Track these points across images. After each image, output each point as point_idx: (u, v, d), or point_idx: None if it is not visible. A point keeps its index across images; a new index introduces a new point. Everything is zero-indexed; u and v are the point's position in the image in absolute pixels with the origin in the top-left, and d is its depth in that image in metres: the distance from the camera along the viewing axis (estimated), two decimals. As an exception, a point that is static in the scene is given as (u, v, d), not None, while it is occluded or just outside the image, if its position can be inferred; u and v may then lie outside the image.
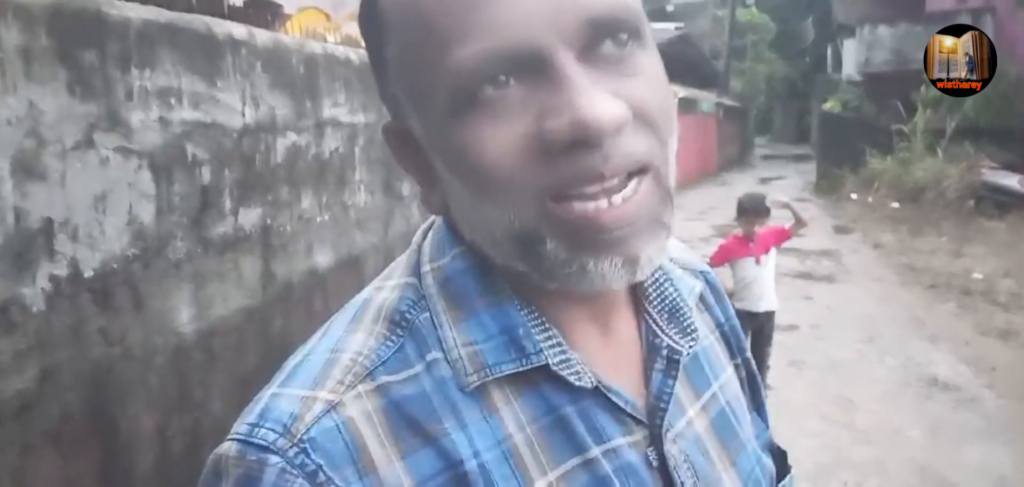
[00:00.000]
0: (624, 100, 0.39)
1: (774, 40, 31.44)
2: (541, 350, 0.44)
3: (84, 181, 1.64)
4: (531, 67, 0.38)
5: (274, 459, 0.39)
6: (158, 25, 1.86)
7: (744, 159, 24.67)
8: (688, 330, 0.50)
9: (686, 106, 18.02)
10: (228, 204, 2.13)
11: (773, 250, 4.02)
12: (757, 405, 0.61)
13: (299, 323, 2.40)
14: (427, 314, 0.45)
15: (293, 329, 2.37)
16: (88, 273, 1.65)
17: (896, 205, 11.70)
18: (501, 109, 0.39)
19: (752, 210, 4.01)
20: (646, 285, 0.51)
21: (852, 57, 17.63)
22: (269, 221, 2.32)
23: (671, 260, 0.57)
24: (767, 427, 0.61)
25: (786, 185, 16.38)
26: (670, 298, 0.51)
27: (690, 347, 0.50)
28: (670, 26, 17.46)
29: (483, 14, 0.38)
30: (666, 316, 0.51)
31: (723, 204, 12.59)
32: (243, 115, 2.16)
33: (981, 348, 5.17)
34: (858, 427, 3.91)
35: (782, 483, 0.56)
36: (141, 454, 1.77)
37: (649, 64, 0.41)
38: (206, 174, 2.03)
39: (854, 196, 12.92)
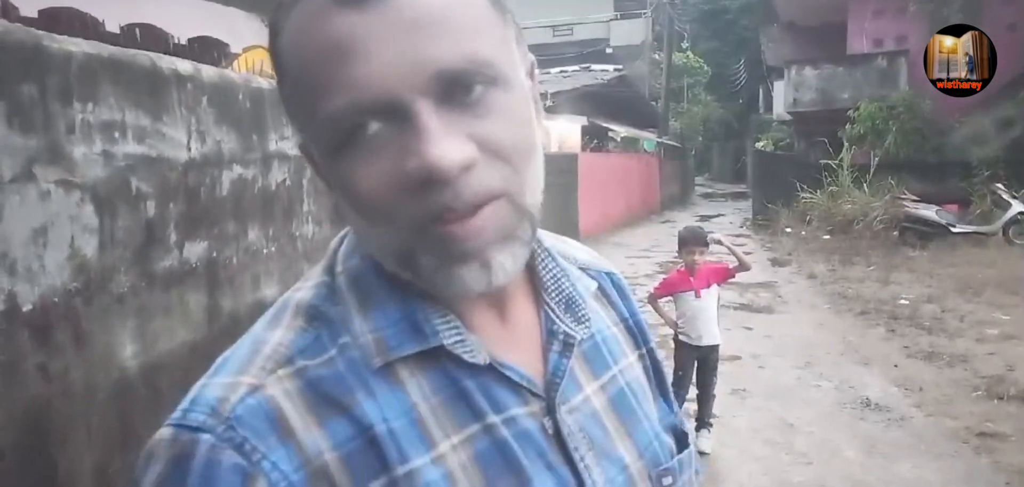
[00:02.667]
0: (475, 140, 0.45)
1: (709, 82, 32.71)
2: (438, 332, 0.50)
3: (22, 214, 1.61)
4: (392, 114, 0.44)
5: (205, 436, 0.44)
6: (100, 60, 1.85)
7: (685, 197, 25.38)
8: (582, 319, 0.58)
9: (629, 145, 18.50)
10: (173, 237, 2.10)
11: (715, 286, 4.08)
12: (663, 392, 0.68)
13: (246, 359, 2.36)
14: (339, 307, 0.52)
15: (240, 365, 2.33)
16: (27, 308, 1.61)
17: (827, 237, 12.23)
18: (368, 151, 0.45)
19: (691, 240, 4.11)
20: (545, 280, 0.58)
21: (781, 98, 18.49)
22: (215, 254, 2.30)
23: (579, 266, 0.65)
24: (672, 411, 0.68)
25: (725, 222, 16.93)
26: (566, 291, 0.58)
27: (585, 333, 0.57)
28: (609, 68, 17.96)
29: (349, 70, 0.44)
30: (563, 306, 0.58)
31: (667, 241, 12.89)
32: (189, 149, 2.15)
33: (909, 369, 5.43)
34: (798, 449, 4.05)
35: (681, 454, 0.63)
36: (81, 493, 1.71)
37: (504, 103, 0.47)
38: (151, 208, 2.00)
39: (789, 230, 13.44)
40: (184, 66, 2.16)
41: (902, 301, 7.61)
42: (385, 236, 0.48)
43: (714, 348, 4.04)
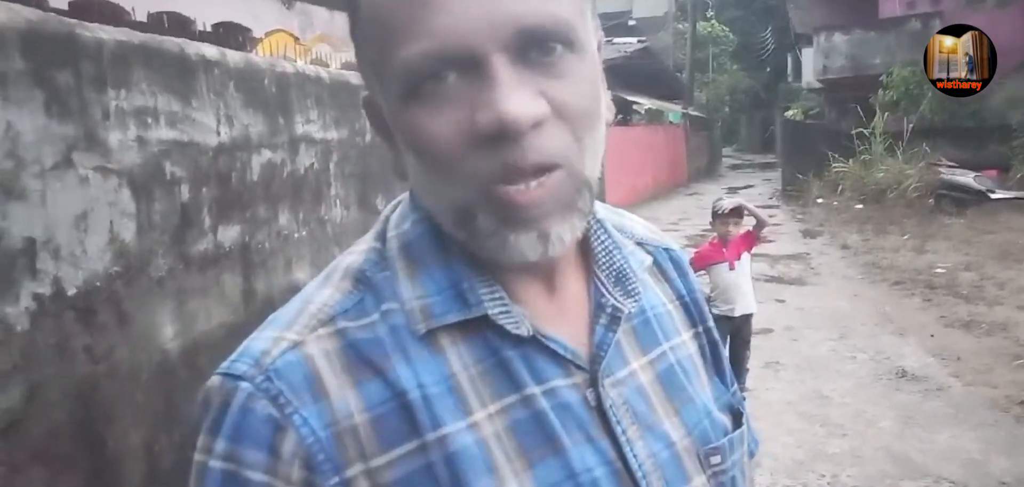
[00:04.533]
0: (547, 99, 0.45)
1: (735, 51, 32.14)
2: (483, 302, 0.50)
3: (64, 201, 1.65)
4: (468, 66, 0.44)
5: (244, 385, 0.47)
6: (132, 46, 1.87)
7: (713, 169, 25.05)
8: (632, 292, 0.57)
9: (654, 117, 18.29)
10: (207, 221, 2.14)
11: (746, 256, 4.13)
12: (719, 372, 0.67)
13: (281, 339, 2.41)
14: (388, 273, 0.52)
15: (275, 345, 2.38)
16: (71, 291, 1.65)
17: (860, 206, 12.00)
18: (442, 101, 0.45)
19: (728, 211, 4.13)
20: (596, 252, 0.58)
21: (810, 65, 18.08)
22: (248, 238, 2.33)
23: (636, 240, 0.64)
24: (729, 390, 0.66)
25: (754, 193, 16.70)
26: (618, 265, 0.58)
27: (634, 307, 0.57)
28: (632, 40, 17.72)
29: (429, 17, 0.44)
30: (613, 280, 0.57)
31: (695, 214, 12.79)
32: (218, 133, 2.18)
33: (946, 339, 5.34)
34: (833, 421, 4.01)
35: (734, 433, 0.61)
36: (129, 470, 1.76)
37: (578, 68, 0.47)
38: (185, 192, 2.04)
39: (820, 200, 13.21)
40: (210, 51, 2.18)
41: (938, 270, 7.46)
42: (447, 191, 0.48)
43: (748, 318, 4.10)
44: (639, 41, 17.40)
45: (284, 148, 2.53)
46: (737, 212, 4.14)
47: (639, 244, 0.64)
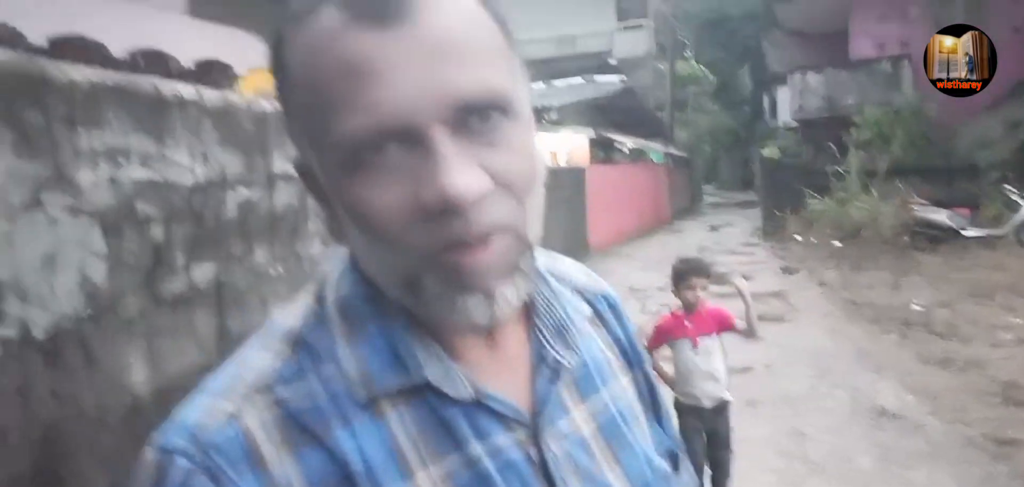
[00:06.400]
0: (488, 170, 0.45)
1: (715, 91, 32.70)
2: (422, 367, 0.50)
3: (33, 241, 1.63)
4: (409, 139, 0.45)
5: (181, 460, 0.46)
6: (105, 87, 1.87)
7: (695, 207, 25.33)
8: (572, 345, 0.57)
9: (636, 156, 18.49)
10: (180, 260, 2.11)
11: (716, 336, 3.18)
12: (658, 417, 0.67)
13: (254, 379, 2.38)
14: (325, 335, 0.52)
15: (248, 386, 2.34)
16: (38, 333, 1.62)
17: (837, 243, 12.15)
18: (383, 173, 0.45)
19: (689, 271, 3.22)
20: (537, 305, 0.57)
21: (787, 104, 18.44)
22: (222, 276, 2.31)
23: (575, 287, 0.64)
24: (669, 436, 0.68)
25: (735, 231, 16.86)
26: (558, 317, 0.58)
27: (575, 360, 0.57)
28: (614, 78, 17.98)
29: (368, 91, 0.44)
30: (554, 332, 0.57)
31: (678, 251, 12.87)
32: (193, 172, 2.17)
33: (923, 376, 5.38)
34: (812, 459, 4.01)
35: (674, 479, 0.63)
36: (92, 517, 1.72)
37: (516, 135, 0.48)
38: (158, 232, 2.02)
39: (798, 237, 13.37)
40: (187, 90, 2.18)
41: (914, 307, 7.55)
42: (391, 259, 0.47)
43: (722, 410, 3.17)
44: (621, 80, 17.64)
45: (261, 185, 2.52)
46: (698, 270, 3.24)
47: (577, 292, 0.64)
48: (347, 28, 0.44)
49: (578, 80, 17.50)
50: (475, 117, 0.45)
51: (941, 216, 11.20)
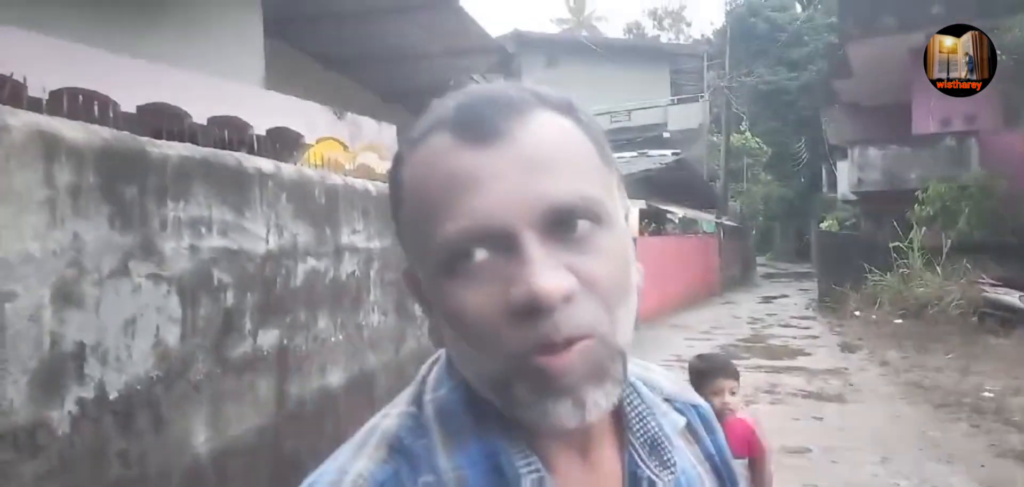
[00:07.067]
0: (575, 273, 0.48)
1: (770, 162, 32.33)
2: (520, 476, 0.51)
3: (116, 307, 1.72)
4: (501, 243, 0.48)
5: None
6: (194, 161, 1.99)
7: (747, 278, 24.78)
8: (667, 463, 0.57)
9: (687, 226, 18.32)
10: (248, 326, 2.20)
11: (743, 462, 2.46)
12: None
13: (310, 440, 2.42)
14: (424, 440, 0.53)
15: (304, 446, 2.39)
16: (113, 395, 1.70)
17: (900, 321, 11.68)
18: (478, 275, 0.48)
19: (715, 371, 2.58)
20: (630, 419, 0.58)
21: (845, 177, 18.03)
22: (286, 341, 2.38)
23: (665, 396, 0.64)
24: None
25: (789, 303, 16.40)
26: (652, 432, 0.58)
27: (669, 479, 0.57)
28: (667, 152, 18.01)
29: (468, 200, 0.48)
30: (648, 448, 0.58)
31: (729, 323, 12.57)
32: (267, 242, 2.27)
33: (998, 469, 5.05)
34: (877, 553, 3.79)
35: None
36: (154, 580, 1.76)
37: (605, 242, 0.50)
38: (230, 297, 2.11)
39: (857, 313, 12.90)
40: (266, 165, 2.30)
41: (986, 393, 7.15)
42: (484, 361, 0.50)
43: None
44: (673, 153, 17.66)
45: (329, 256, 2.61)
46: (725, 370, 2.59)
47: (667, 400, 0.65)
48: (454, 147, 0.49)
49: (631, 154, 17.60)
50: (564, 223, 0.48)
51: (1013, 298, 10.67)
